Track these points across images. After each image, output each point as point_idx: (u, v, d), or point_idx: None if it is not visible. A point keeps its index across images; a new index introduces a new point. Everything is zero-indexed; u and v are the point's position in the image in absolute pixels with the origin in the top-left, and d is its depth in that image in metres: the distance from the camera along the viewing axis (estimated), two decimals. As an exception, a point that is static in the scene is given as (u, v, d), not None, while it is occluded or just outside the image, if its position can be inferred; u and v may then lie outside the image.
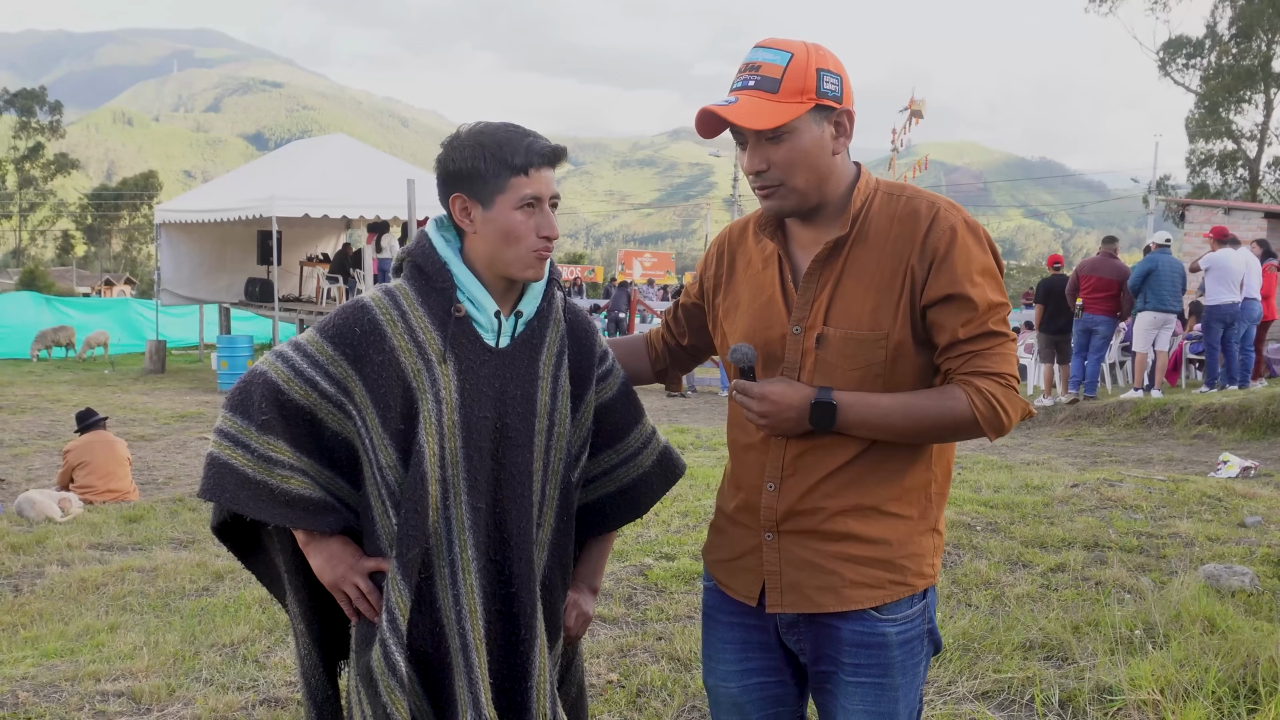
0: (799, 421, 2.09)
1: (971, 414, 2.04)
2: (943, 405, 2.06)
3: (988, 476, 8.10)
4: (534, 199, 2.13)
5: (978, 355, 2.06)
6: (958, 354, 2.07)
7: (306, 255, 24.46)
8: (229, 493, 2.11)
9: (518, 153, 2.11)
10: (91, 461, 8.95)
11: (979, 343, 2.06)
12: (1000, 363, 2.07)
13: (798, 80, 2.05)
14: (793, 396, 2.08)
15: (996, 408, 2.04)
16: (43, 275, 55.20)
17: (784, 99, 2.05)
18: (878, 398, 2.08)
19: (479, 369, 2.17)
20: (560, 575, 2.32)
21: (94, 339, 26.29)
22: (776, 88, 2.05)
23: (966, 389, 2.05)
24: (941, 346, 2.09)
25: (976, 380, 2.05)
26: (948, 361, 2.09)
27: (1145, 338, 13.28)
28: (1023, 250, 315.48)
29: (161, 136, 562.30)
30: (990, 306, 2.07)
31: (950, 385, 2.08)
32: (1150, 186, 42.55)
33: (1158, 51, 47.85)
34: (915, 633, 2.20)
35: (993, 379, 2.05)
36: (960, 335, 2.06)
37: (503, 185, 2.12)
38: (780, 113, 2.05)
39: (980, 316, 2.06)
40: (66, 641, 5.09)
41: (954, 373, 2.08)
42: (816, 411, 2.07)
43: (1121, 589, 5.23)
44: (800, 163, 2.09)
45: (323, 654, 2.35)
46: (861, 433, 2.09)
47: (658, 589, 5.38)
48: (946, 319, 2.07)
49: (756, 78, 2.08)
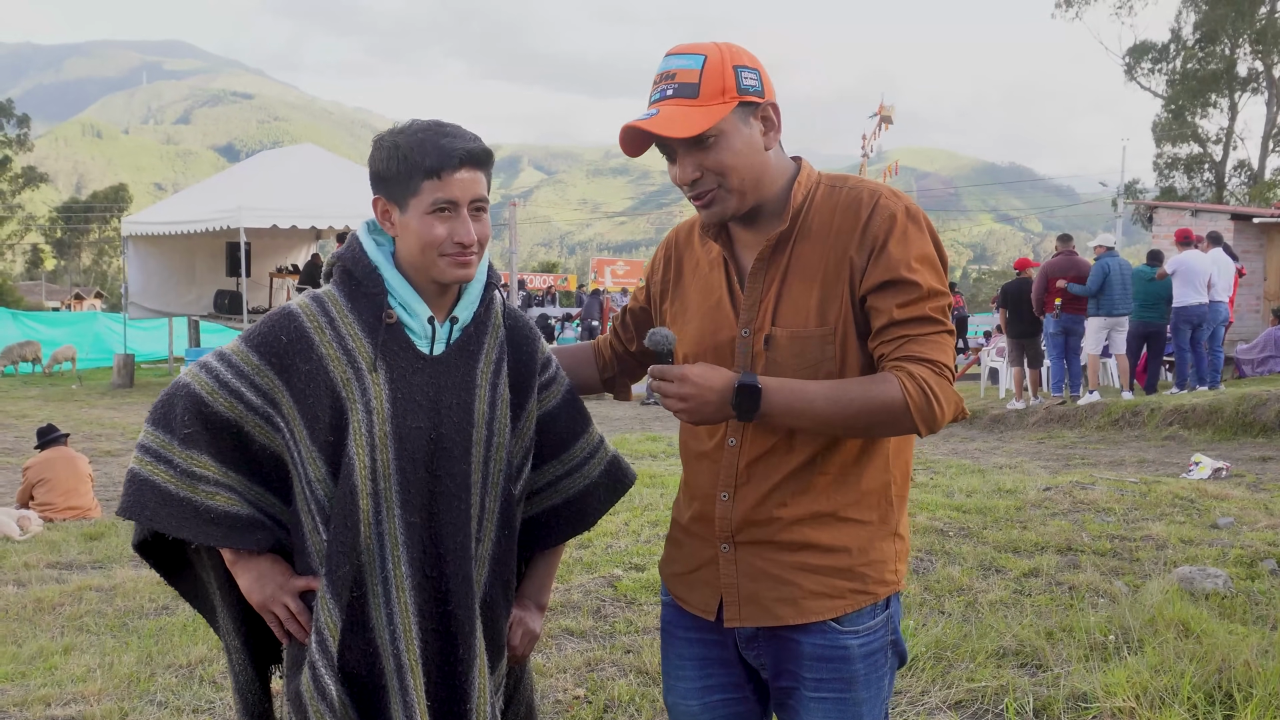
0: (720, 406, 1.96)
1: (903, 400, 1.92)
2: (871, 391, 1.94)
3: (960, 481, 8.07)
4: (446, 203, 2.01)
5: (912, 340, 1.96)
6: (892, 337, 1.98)
7: (276, 266, 24.23)
8: (150, 510, 2.01)
9: (429, 154, 1.99)
10: (52, 478, 8.78)
11: (915, 326, 1.97)
12: (936, 350, 1.97)
13: (715, 81, 1.97)
14: (714, 379, 1.96)
15: (929, 396, 1.93)
16: (11, 290, 54.68)
17: (705, 102, 1.97)
18: (804, 384, 1.97)
19: (412, 377, 2.07)
20: (502, 592, 2.22)
21: (61, 354, 26.00)
22: (696, 92, 1.97)
23: (899, 374, 1.94)
24: (876, 329, 2.00)
25: (910, 365, 1.95)
26: (881, 345, 1.99)
27: (1096, 339, 13.39)
28: (994, 254, 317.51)
29: (131, 149, 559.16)
30: (930, 292, 1.98)
31: (882, 371, 1.98)
32: (1119, 190, 42.83)
33: (1124, 56, 48.23)
34: (878, 644, 2.12)
35: (927, 365, 1.95)
36: (896, 316, 1.97)
37: (415, 188, 2.01)
38: (705, 116, 1.96)
39: (919, 300, 1.97)
40: (18, 665, 4.94)
41: (886, 358, 1.98)
42: (739, 395, 1.94)
43: (1095, 593, 5.18)
44: (733, 164, 2.01)
45: (257, 669, 2.25)
46: (787, 421, 1.98)
47: (627, 601, 5.29)
48: (883, 302, 1.98)
49: (674, 86, 1.99)
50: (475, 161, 2.02)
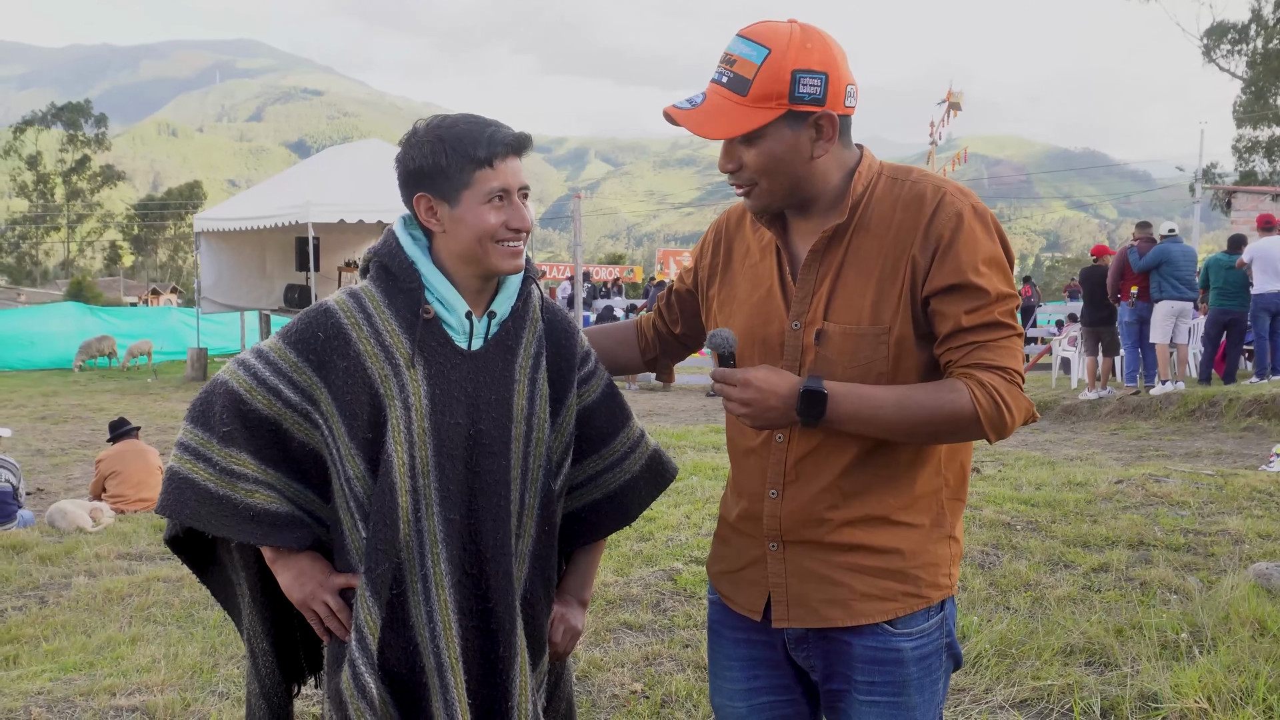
0: (785, 412, 1.91)
1: (973, 409, 1.86)
2: (941, 399, 1.88)
3: (1029, 473, 7.92)
4: (502, 191, 2.01)
5: (981, 346, 1.90)
6: (960, 344, 1.91)
7: (345, 261, 24.52)
8: (190, 508, 2.00)
9: (480, 144, 1.98)
10: (123, 471, 8.95)
11: (984, 333, 1.90)
12: (1006, 356, 1.90)
13: (769, 84, 1.89)
14: (778, 384, 1.90)
15: (1000, 404, 1.87)
16: (90, 286, 55.95)
17: (751, 103, 1.90)
18: (872, 389, 1.91)
19: (450, 373, 2.05)
20: (543, 588, 2.19)
21: (137, 348, 26.51)
22: (746, 89, 1.90)
23: (968, 382, 1.88)
24: (942, 336, 1.93)
25: (979, 373, 1.88)
26: (948, 352, 1.93)
27: (1163, 328, 13.13)
28: (1067, 242, 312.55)
29: (205, 147, 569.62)
30: (999, 296, 1.91)
31: (950, 378, 1.92)
32: (1196, 175, 41.83)
33: (1201, 38, 47.18)
34: (932, 647, 2.05)
35: (997, 373, 1.89)
36: (964, 323, 1.90)
37: (467, 179, 1.99)
38: (746, 118, 1.90)
39: (988, 305, 1.90)
40: (87, 654, 5.04)
41: (954, 365, 1.92)
42: (805, 400, 1.88)
43: (1167, 590, 5.05)
44: (770, 168, 1.95)
45: (284, 674, 2.24)
46: (853, 427, 1.92)
47: (686, 595, 5.25)
48: (950, 307, 1.91)
49: (729, 75, 1.93)
50: (521, 148, 2.04)
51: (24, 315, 30.80)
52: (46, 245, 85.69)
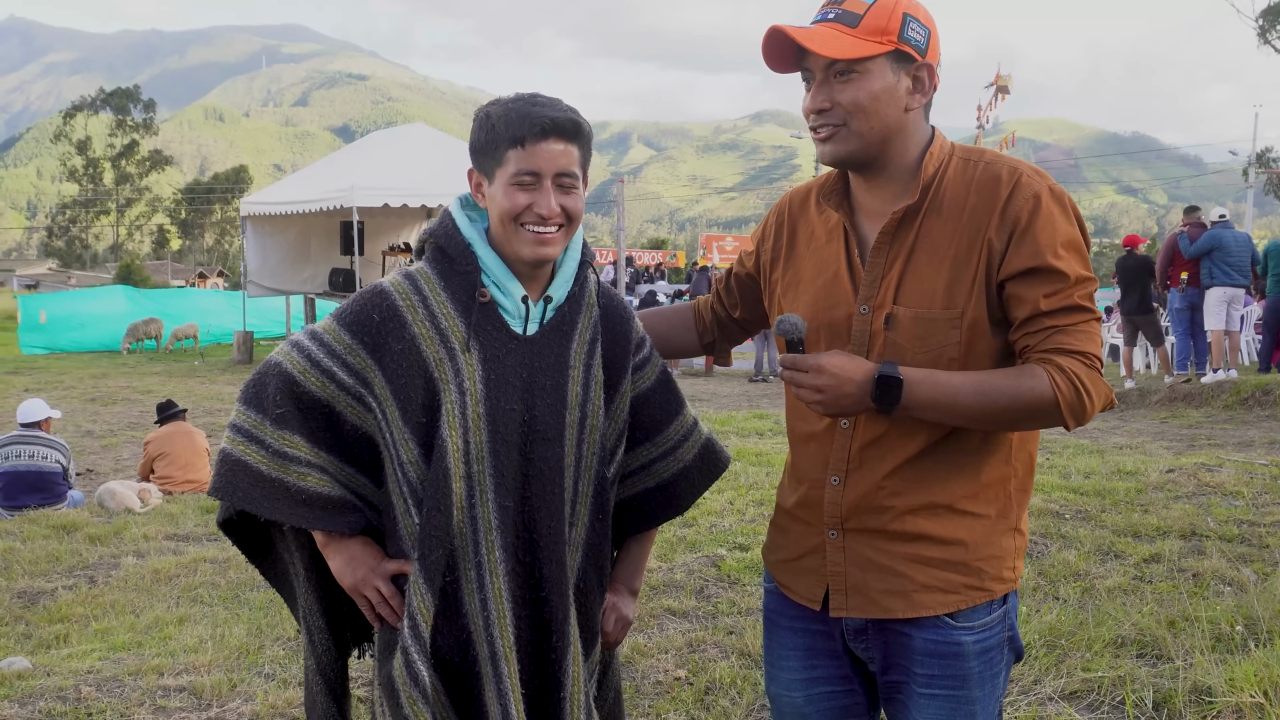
0: (859, 399, 1.87)
1: (1053, 395, 1.82)
2: (1020, 385, 1.84)
3: (1077, 461, 7.81)
4: (530, 174, 1.95)
5: (1060, 331, 1.85)
6: (1038, 328, 1.86)
7: (389, 245, 24.62)
8: (242, 491, 1.98)
9: (514, 123, 1.93)
10: (171, 452, 9.03)
11: (1063, 317, 1.85)
12: (1085, 341, 1.86)
13: (881, 18, 1.88)
14: (853, 370, 1.86)
15: (1080, 390, 1.82)
16: (139, 269, 56.66)
17: (863, 35, 1.88)
18: (948, 375, 1.86)
19: (505, 358, 2.02)
20: (596, 577, 2.16)
21: (182, 331, 26.81)
22: (856, 22, 1.89)
23: (1048, 367, 1.84)
24: (1019, 320, 1.88)
25: (1059, 358, 1.84)
26: (1026, 337, 1.88)
27: (1217, 314, 12.91)
28: (1116, 228, 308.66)
29: (251, 131, 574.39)
30: (1078, 280, 1.86)
31: (1029, 364, 1.87)
32: (1250, 159, 41.13)
33: (1257, 19, 46.20)
34: (994, 641, 2.01)
35: (1077, 358, 1.84)
36: (1043, 307, 1.85)
37: (500, 158, 1.96)
38: (855, 47, 1.88)
39: (1067, 289, 1.86)
40: (135, 634, 5.09)
41: (1033, 350, 1.87)
42: (880, 387, 1.84)
43: (1221, 581, 4.96)
44: (866, 107, 1.91)
45: (339, 650, 2.22)
46: (929, 415, 1.87)
47: (730, 581, 5.22)
48: (1027, 291, 1.86)
49: (838, 10, 1.91)
50: (561, 132, 1.95)
51: (75, 298, 31.26)
52: (96, 229, 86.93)
